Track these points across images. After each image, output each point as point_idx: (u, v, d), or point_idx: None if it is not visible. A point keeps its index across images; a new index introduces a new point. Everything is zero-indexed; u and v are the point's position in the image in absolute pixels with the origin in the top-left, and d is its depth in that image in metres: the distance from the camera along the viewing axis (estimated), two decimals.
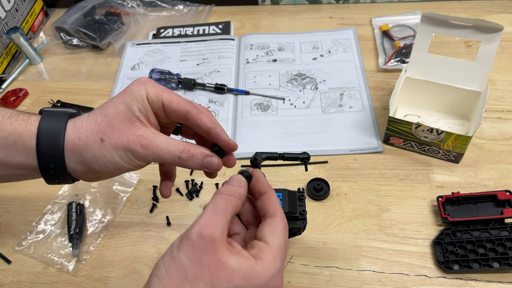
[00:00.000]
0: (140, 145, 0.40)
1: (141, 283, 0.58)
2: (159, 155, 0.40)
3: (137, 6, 1.04)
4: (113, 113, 0.41)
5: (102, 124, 0.41)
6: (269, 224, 0.38)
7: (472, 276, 0.55)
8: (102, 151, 0.40)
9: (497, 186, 0.64)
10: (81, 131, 0.41)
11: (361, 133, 0.73)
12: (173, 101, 0.41)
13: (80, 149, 0.40)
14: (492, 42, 0.64)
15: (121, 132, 0.40)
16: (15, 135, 0.41)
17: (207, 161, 0.42)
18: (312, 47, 0.91)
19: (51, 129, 0.41)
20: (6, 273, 0.60)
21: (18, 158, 0.41)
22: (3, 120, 0.41)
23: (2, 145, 0.41)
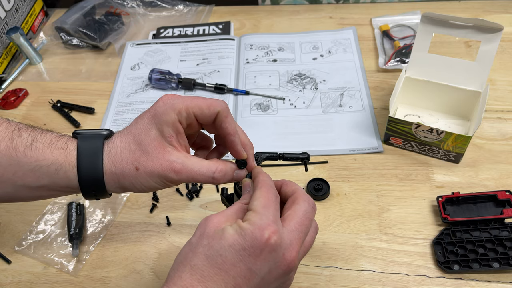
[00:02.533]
0: (174, 171, 0.42)
1: (141, 283, 0.58)
2: (192, 177, 0.42)
3: (137, 6, 1.04)
4: (146, 141, 0.42)
5: (136, 152, 0.42)
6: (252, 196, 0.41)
7: (472, 276, 0.55)
8: (139, 179, 0.42)
9: (497, 186, 0.64)
10: (117, 160, 0.42)
11: (361, 133, 0.73)
12: (204, 108, 0.43)
13: (117, 178, 0.42)
14: (492, 42, 0.64)
15: (154, 160, 0.42)
16: (57, 165, 0.42)
17: (236, 174, 0.45)
18: (312, 47, 0.91)
19: (89, 159, 0.42)
20: (6, 273, 0.60)
21: (60, 183, 0.43)
22: (44, 149, 0.43)
23: (45, 173, 0.43)
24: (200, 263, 0.36)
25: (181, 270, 0.37)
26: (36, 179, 0.43)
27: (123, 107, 0.82)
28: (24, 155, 0.42)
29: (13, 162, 0.42)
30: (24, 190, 0.44)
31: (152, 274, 0.59)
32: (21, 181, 0.43)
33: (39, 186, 0.43)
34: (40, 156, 0.42)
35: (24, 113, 0.83)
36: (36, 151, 0.42)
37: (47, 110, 0.83)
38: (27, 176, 0.43)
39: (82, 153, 0.43)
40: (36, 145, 0.43)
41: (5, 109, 0.84)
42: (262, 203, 0.39)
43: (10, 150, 0.42)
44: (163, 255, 0.61)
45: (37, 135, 0.44)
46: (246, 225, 0.37)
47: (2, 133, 0.43)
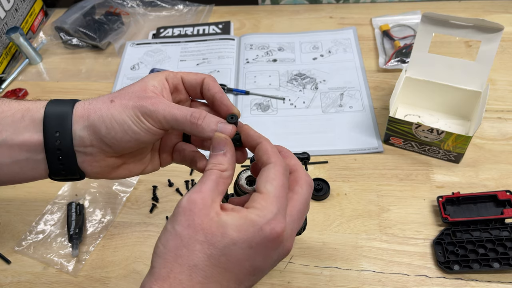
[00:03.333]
0: (151, 103, 0.39)
1: (141, 283, 0.58)
2: (170, 111, 0.39)
3: (137, 6, 1.04)
4: (128, 88, 0.41)
5: (115, 93, 0.41)
6: (262, 173, 0.37)
7: (472, 276, 0.55)
8: (110, 110, 0.39)
9: (498, 186, 0.64)
10: (91, 101, 0.41)
11: (361, 133, 0.73)
12: (191, 74, 0.43)
13: (88, 113, 0.39)
14: (493, 42, 0.64)
15: (133, 96, 0.40)
16: (23, 110, 0.40)
17: (220, 126, 0.39)
18: (312, 47, 0.91)
19: (60, 103, 0.40)
20: (5, 273, 0.60)
21: (23, 134, 0.39)
22: (10, 102, 0.41)
23: (9, 123, 0.39)
24: (201, 264, 0.33)
25: (177, 270, 0.33)
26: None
27: None
28: None
29: None
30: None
31: None
32: None
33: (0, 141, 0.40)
34: (5, 107, 0.40)
35: None
36: (1, 105, 0.41)
37: None
38: None
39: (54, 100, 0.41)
40: (3, 101, 0.41)
41: None
42: (275, 190, 0.35)
43: None
44: None
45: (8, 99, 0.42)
46: (255, 218, 0.34)
47: None
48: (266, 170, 0.36)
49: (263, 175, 0.36)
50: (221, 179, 0.37)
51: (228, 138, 0.39)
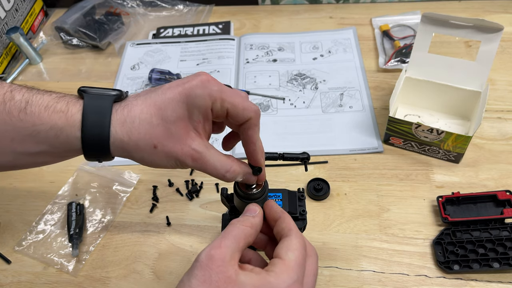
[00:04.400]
0: (191, 159, 0.40)
1: (141, 283, 0.58)
2: (205, 169, 0.40)
3: (137, 6, 1.04)
4: (171, 119, 0.39)
5: (157, 128, 0.39)
6: (283, 242, 0.39)
7: (472, 276, 0.55)
8: (153, 156, 0.40)
9: (497, 186, 0.64)
10: (133, 131, 0.39)
11: (361, 133, 0.73)
12: (239, 108, 0.40)
13: (129, 148, 0.39)
14: (492, 42, 0.64)
15: (176, 142, 0.39)
16: (56, 129, 0.39)
17: (246, 178, 0.43)
18: (312, 47, 0.91)
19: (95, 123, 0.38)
20: (6, 273, 0.60)
21: (61, 148, 0.40)
22: (40, 112, 0.39)
23: (44, 138, 0.39)
24: None
25: None
26: (35, 145, 0.40)
27: None
28: (19, 119, 0.39)
29: (9, 128, 0.39)
30: (24, 158, 0.41)
31: (152, 274, 0.59)
32: (21, 147, 0.40)
33: (39, 152, 0.40)
34: (36, 120, 0.39)
35: None
36: (31, 115, 0.39)
37: None
38: (26, 141, 0.39)
39: (88, 117, 0.39)
40: (31, 109, 0.39)
41: None
42: (297, 259, 0.37)
43: (3, 115, 0.39)
44: (163, 255, 0.60)
45: (32, 96, 0.40)
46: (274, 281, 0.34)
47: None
48: (288, 239, 0.38)
49: (285, 244, 0.38)
50: (244, 236, 0.38)
51: (262, 210, 0.42)
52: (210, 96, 0.39)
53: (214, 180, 0.69)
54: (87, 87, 0.40)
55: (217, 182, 0.68)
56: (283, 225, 0.40)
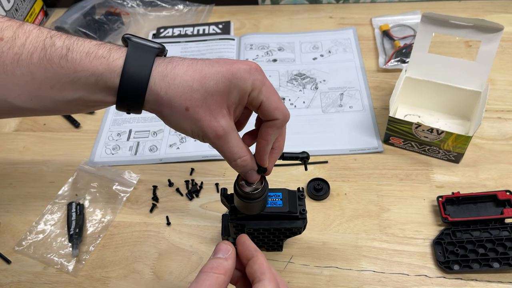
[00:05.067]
0: (215, 135, 0.40)
1: (141, 283, 0.58)
2: (222, 149, 0.41)
3: (137, 6, 1.04)
4: (212, 90, 0.39)
5: (195, 93, 0.39)
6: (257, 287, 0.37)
7: (472, 276, 0.55)
8: (180, 117, 0.40)
9: (497, 186, 0.64)
10: (171, 87, 0.39)
11: (361, 133, 0.73)
12: (271, 106, 0.41)
13: (160, 103, 0.40)
14: (492, 42, 0.64)
15: (207, 112, 0.39)
16: (96, 75, 0.39)
17: (250, 173, 0.44)
18: (312, 47, 0.91)
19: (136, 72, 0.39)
20: (6, 273, 0.60)
21: (98, 94, 0.40)
22: (81, 58, 0.39)
23: (83, 84, 0.39)
24: None
25: None
26: (73, 92, 0.40)
27: None
28: (60, 67, 0.39)
29: (49, 75, 0.39)
30: (60, 104, 0.41)
31: (152, 274, 0.59)
32: (59, 95, 0.40)
33: (76, 98, 0.40)
34: (78, 66, 0.39)
35: None
36: (73, 62, 0.39)
37: None
38: (65, 88, 0.39)
39: (129, 64, 0.39)
40: (72, 55, 0.39)
41: None
42: None
43: (44, 62, 0.39)
44: (163, 255, 0.60)
45: (73, 43, 0.40)
46: None
47: (33, 43, 0.39)
48: (261, 286, 0.37)
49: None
50: (216, 284, 0.36)
51: (234, 248, 0.40)
52: (253, 83, 0.40)
53: (214, 180, 0.69)
54: (130, 35, 0.41)
55: (217, 182, 0.68)
56: (255, 266, 0.38)
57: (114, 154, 0.74)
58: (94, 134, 0.78)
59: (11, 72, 0.39)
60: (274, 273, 0.39)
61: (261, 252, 0.40)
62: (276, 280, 0.38)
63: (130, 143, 0.75)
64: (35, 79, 0.39)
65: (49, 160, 0.74)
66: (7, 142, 0.78)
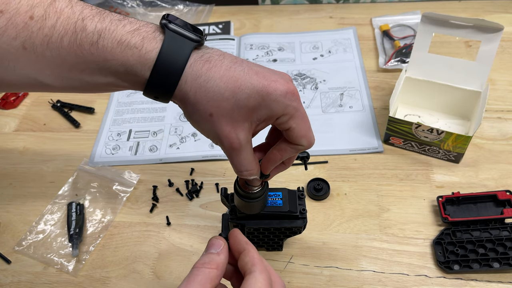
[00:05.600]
0: (230, 145, 0.40)
1: (141, 283, 0.58)
2: (233, 159, 0.41)
3: (137, 6, 1.04)
4: (241, 103, 0.38)
5: (224, 102, 0.38)
6: (247, 280, 0.37)
7: (472, 276, 0.55)
8: (201, 119, 0.39)
9: (497, 186, 0.64)
10: (201, 89, 0.38)
11: (361, 133, 0.73)
12: (300, 133, 0.41)
13: (187, 102, 0.39)
14: (492, 42, 0.64)
15: (230, 122, 0.39)
16: (127, 66, 0.38)
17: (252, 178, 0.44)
18: (312, 47, 0.91)
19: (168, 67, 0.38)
20: (6, 273, 0.60)
21: (127, 82, 0.40)
22: (113, 47, 0.38)
23: (113, 72, 0.39)
24: None
25: None
26: (103, 77, 0.39)
27: (123, 107, 0.82)
28: (90, 53, 0.38)
29: (80, 60, 0.38)
30: (90, 86, 0.41)
31: (152, 274, 0.59)
32: (89, 78, 0.40)
33: (105, 83, 0.40)
34: (108, 55, 0.38)
35: (24, 113, 0.83)
36: (103, 50, 0.38)
37: (47, 110, 0.83)
38: (94, 73, 0.39)
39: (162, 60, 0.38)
40: (103, 43, 0.38)
41: (5, 109, 0.84)
42: None
43: (75, 48, 0.38)
44: (163, 255, 0.60)
45: (105, 29, 0.38)
46: None
47: (64, 26, 0.37)
48: (252, 277, 0.37)
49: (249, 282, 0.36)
50: (210, 280, 0.36)
51: (226, 242, 0.40)
52: (285, 109, 0.39)
53: (214, 180, 0.69)
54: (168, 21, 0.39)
55: (217, 182, 0.68)
56: (246, 259, 0.38)
57: (114, 154, 0.74)
58: (94, 134, 0.78)
59: (41, 54, 0.38)
60: (266, 264, 0.39)
61: (252, 245, 0.40)
62: (267, 271, 0.38)
63: (130, 143, 0.75)
64: (65, 62, 0.38)
65: (49, 160, 0.74)
66: (7, 142, 0.78)
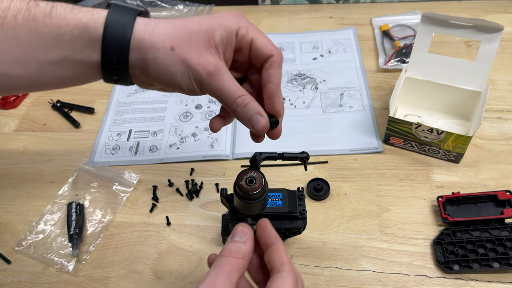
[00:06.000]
0: (207, 72, 0.38)
1: (141, 283, 0.58)
2: (219, 89, 0.39)
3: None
4: (194, 29, 0.39)
5: (179, 33, 0.39)
6: (275, 280, 0.35)
7: (472, 276, 0.55)
8: (167, 58, 0.39)
9: (497, 186, 0.64)
10: (154, 30, 0.39)
11: (361, 133, 0.73)
12: (263, 43, 0.40)
13: (145, 47, 0.39)
14: (492, 42, 0.64)
15: (194, 50, 0.38)
16: (80, 27, 0.39)
17: (255, 118, 0.40)
18: (312, 47, 0.91)
19: (119, 20, 0.39)
20: (6, 273, 0.60)
21: (83, 52, 0.39)
22: (66, 13, 0.39)
23: (68, 40, 0.39)
24: None
25: None
26: (59, 50, 0.39)
27: (123, 107, 0.82)
28: (44, 25, 0.38)
29: (34, 35, 0.38)
30: (47, 68, 0.40)
31: (152, 274, 0.59)
32: (44, 56, 0.39)
33: (62, 58, 0.40)
34: (62, 21, 0.38)
35: (24, 113, 0.83)
36: (57, 18, 0.39)
37: (47, 110, 0.83)
38: (50, 47, 0.39)
39: (113, 15, 0.39)
40: (56, 11, 0.39)
41: (5, 109, 0.84)
42: None
43: (29, 22, 0.38)
44: (163, 255, 0.61)
45: (56, 3, 0.40)
46: None
47: (17, 6, 0.39)
48: (280, 279, 0.35)
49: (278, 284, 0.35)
50: (236, 269, 0.36)
51: (251, 230, 0.39)
52: (238, 22, 0.39)
53: (214, 180, 0.69)
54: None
55: (217, 182, 0.68)
56: (275, 255, 0.37)
57: (114, 154, 0.74)
58: (94, 134, 0.78)
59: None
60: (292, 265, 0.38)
61: (281, 240, 0.39)
62: (295, 272, 0.37)
63: (130, 143, 0.75)
64: (20, 41, 0.39)
65: (49, 160, 0.74)
66: (7, 142, 0.78)
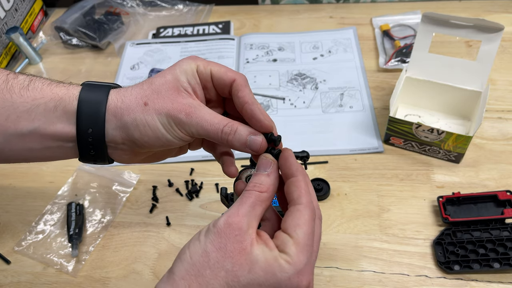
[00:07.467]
0: (185, 113, 0.39)
1: (141, 283, 0.58)
2: (202, 126, 0.39)
3: (136, 6, 1.04)
4: (160, 82, 0.40)
5: (147, 90, 0.40)
6: (292, 213, 0.36)
7: (472, 276, 0.55)
8: (144, 115, 0.39)
9: (498, 186, 0.64)
10: (125, 95, 0.40)
11: (361, 133, 0.73)
12: (221, 70, 0.41)
13: (121, 112, 0.39)
14: (493, 42, 0.64)
15: (166, 99, 0.39)
16: (56, 100, 0.40)
17: (250, 139, 0.39)
18: (312, 46, 0.91)
19: (93, 94, 0.40)
20: (5, 274, 0.60)
21: (56, 125, 0.40)
22: (43, 87, 0.40)
23: (41, 112, 0.40)
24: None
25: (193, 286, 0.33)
26: (30, 122, 0.40)
27: None
28: (19, 96, 0.39)
29: (7, 105, 0.39)
30: (14, 140, 0.40)
31: (152, 275, 0.59)
32: (13, 127, 0.40)
33: (31, 130, 0.40)
34: (38, 94, 0.40)
35: None
36: (33, 90, 0.40)
37: None
38: (20, 119, 0.39)
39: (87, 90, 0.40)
40: (34, 85, 0.40)
41: None
42: (305, 237, 0.35)
43: (4, 92, 0.39)
44: (162, 255, 0.60)
45: (35, 77, 0.41)
46: (285, 266, 0.33)
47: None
48: (297, 211, 0.36)
49: (294, 217, 0.36)
50: (259, 201, 0.36)
51: (275, 161, 0.39)
52: (195, 62, 0.41)
53: (214, 180, 0.69)
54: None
55: (217, 182, 0.68)
56: (293, 188, 0.37)
57: None
58: None
59: None
60: (313, 197, 0.38)
61: (303, 171, 0.38)
62: (313, 205, 0.37)
63: None
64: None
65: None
66: None
